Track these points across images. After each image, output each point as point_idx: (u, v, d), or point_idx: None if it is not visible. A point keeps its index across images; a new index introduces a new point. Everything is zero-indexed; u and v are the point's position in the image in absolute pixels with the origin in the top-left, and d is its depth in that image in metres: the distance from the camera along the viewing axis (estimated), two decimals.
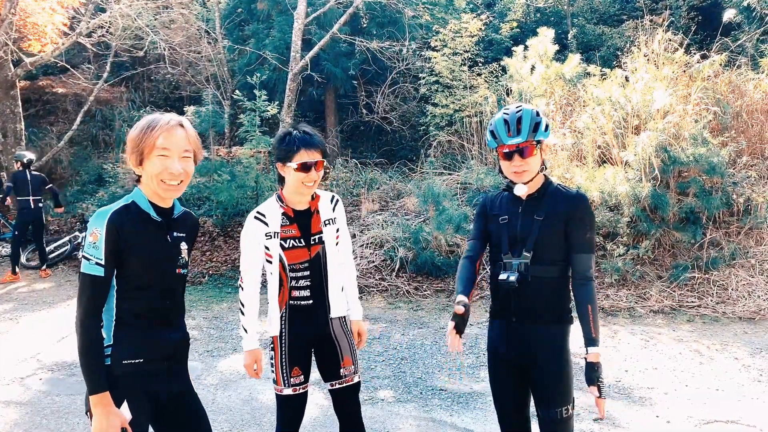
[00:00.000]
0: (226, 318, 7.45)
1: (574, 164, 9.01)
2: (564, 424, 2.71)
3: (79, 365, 2.22)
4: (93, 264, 2.23)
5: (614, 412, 4.64)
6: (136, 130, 2.32)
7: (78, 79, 14.04)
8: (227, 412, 4.78)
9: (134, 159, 2.33)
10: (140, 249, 2.31)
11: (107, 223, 2.24)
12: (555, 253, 2.68)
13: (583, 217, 2.69)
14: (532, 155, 2.67)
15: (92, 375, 2.20)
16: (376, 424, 4.51)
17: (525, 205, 2.76)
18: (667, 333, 6.57)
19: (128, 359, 2.31)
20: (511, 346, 2.76)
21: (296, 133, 2.97)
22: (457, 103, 12.25)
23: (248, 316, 3.06)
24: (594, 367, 2.63)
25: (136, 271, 2.31)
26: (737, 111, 9.28)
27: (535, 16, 15.92)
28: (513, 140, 2.66)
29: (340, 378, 3.08)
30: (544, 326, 2.71)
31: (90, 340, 2.22)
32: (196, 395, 2.58)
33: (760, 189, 8.40)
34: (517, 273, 2.65)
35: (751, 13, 12.92)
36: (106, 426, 2.19)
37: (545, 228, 2.67)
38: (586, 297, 2.62)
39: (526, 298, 2.68)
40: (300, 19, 11.73)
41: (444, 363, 5.81)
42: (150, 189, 2.37)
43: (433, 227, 8.81)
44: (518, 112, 2.68)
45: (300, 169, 2.92)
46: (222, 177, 10.05)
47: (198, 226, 2.75)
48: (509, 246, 2.73)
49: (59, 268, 10.46)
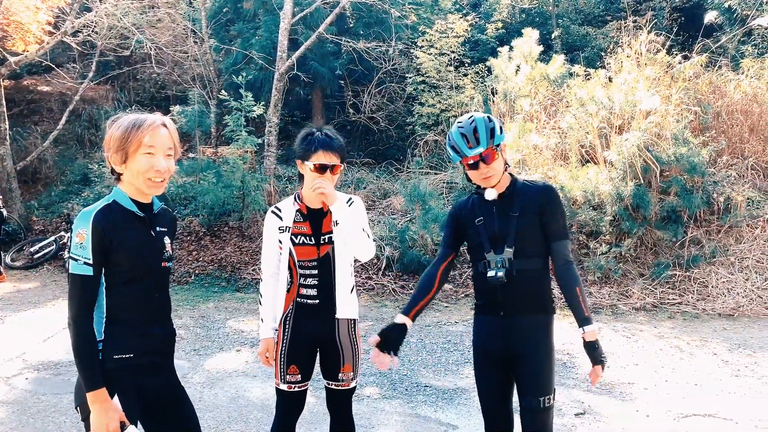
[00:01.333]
0: (213, 317, 7.48)
1: (557, 164, 9.12)
2: (545, 413, 2.78)
3: (74, 363, 2.26)
4: (81, 264, 2.28)
5: (595, 407, 4.73)
6: (120, 129, 2.36)
7: (63, 78, 13.97)
8: (214, 409, 4.82)
9: (118, 157, 2.37)
10: (127, 245, 2.36)
11: (92, 222, 2.30)
12: (535, 245, 2.81)
13: (554, 206, 2.83)
14: (495, 159, 2.78)
15: (88, 372, 2.25)
16: (362, 420, 4.56)
17: (498, 204, 2.86)
18: (648, 330, 6.69)
19: (119, 354, 2.36)
20: (498, 339, 2.84)
21: (318, 134, 3.01)
22: (443, 103, 12.34)
23: (265, 306, 3.15)
24: (594, 345, 2.72)
25: (124, 268, 2.37)
26: (717, 111, 9.45)
27: (520, 17, 16.05)
28: (474, 151, 2.76)
29: (337, 381, 3.14)
30: (530, 317, 2.81)
31: (83, 338, 2.27)
32: (183, 389, 2.63)
33: (739, 188, 8.56)
34: (504, 269, 2.76)
35: (733, 15, 13.13)
36: (105, 420, 2.24)
37: (522, 223, 2.79)
38: (571, 279, 2.74)
39: (512, 292, 2.78)
40: (286, 18, 11.76)
41: (429, 360, 5.88)
42: (133, 186, 2.42)
43: (419, 226, 8.89)
44: (472, 123, 2.79)
45: (316, 170, 2.96)
46: (208, 177, 10.06)
47: (176, 221, 2.84)
48: (491, 244, 2.82)
49: (44, 268, 10.42)
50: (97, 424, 2.25)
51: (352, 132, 14.37)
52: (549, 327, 2.84)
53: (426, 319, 7.18)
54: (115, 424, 2.26)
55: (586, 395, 4.99)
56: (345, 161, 3.10)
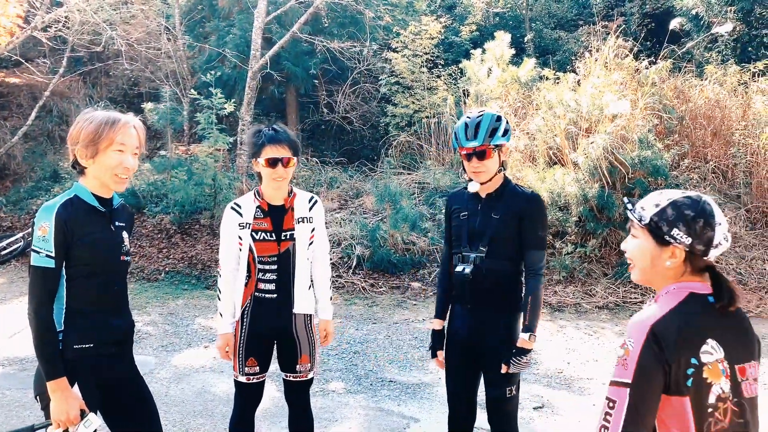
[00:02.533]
0: (182, 314, 7.49)
1: (526, 165, 9.28)
2: (509, 402, 2.97)
3: (35, 354, 2.33)
4: (43, 256, 2.35)
5: (554, 401, 4.87)
6: (93, 125, 2.44)
7: (33, 73, 13.79)
8: (180, 404, 4.86)
9: (88, 152, 2.44)
10: (87, 239, 2.44)
11: (55, 216, 2.37)
12: (509, 248, 2.93)
13: (535, 216, 2.94)
14: (490, 158, 2.87)
15: (49, 362, 2.33)
16: (326, 414, 4.64)
17: (484, 203, 2.99)
18: (610, 327, 6.87)
19: (79, 344, 2.44)
20: (465, 329, 3.01)
21: (265, 129, 3.09)
22: (416, 104, 12.46)
23: (224, 301, 3.19)
24: (521, 351, 2.86)
25: (84, 260, 2.44)
26: (682, 116, 9.68)
27: (494, 20, 16.22)
28: (470, 144, 2.87)
29: (295, 372, 3.22)
30: (496, 314, 2.96)
31: (45, 328, 2.35)
32: (142, 379, 2.71)
33: (701, 191, 8.79)
34: (473, 266, 2.90)
35: (699, 21, 13.44)
36: (66, 408, 2.32)
37: (500, 225, 2.91)
38: (530, 289, 2.91)
39: (480, 289, 2.92)
40: (260, 17, 11.77)
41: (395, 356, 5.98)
42: (98, 181, 2.50)
43: (390, 226, 8.98)
44: (479, 117, 2.89)
45: (268, 164, 3.03)
46: (179, 175, 10.03)
47: (134, 216, 2.97)
48: (468, 240, 2.97)
49: (12, 265, 10.30)
50: (57, 412, 2.32)
51: (326, 131, 14.41)
52: (514, 326, 2.97)
53: (395, 317, 7.28)
54: (75, 412, 2.34)
55: (545, 390, 5.12)
56: (299, 155, 3.17)
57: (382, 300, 8.01)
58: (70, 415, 2.33)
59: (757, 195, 8.94)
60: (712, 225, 1.71)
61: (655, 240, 1.77)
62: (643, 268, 1.83)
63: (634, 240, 1.84)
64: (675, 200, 1.75)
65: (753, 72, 10.44)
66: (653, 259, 1.78)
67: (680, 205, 1.73)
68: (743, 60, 11.83)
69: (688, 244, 1.71)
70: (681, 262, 1.75)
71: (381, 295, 8.18)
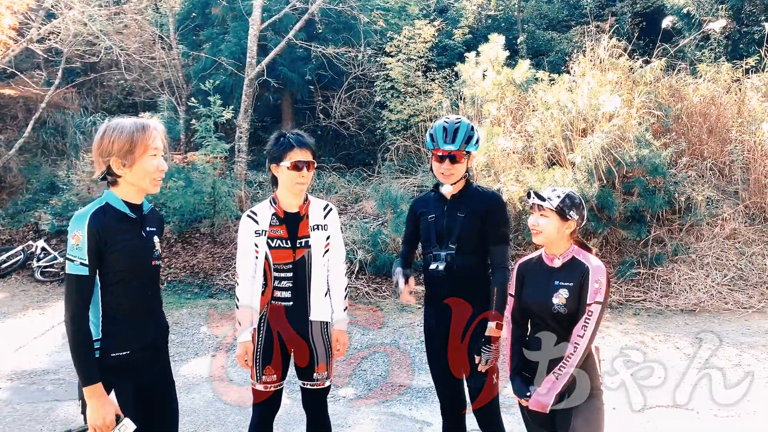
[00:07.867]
0: (187, 323, 7.49)
1: (525, 166, 9.32)
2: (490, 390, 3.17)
3: (72, 360, 2.38)
4: (78, 264, 2.39)
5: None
6: (125, 134, 2.46)
7: (28, 84, 13.75)
8: (191, 414, 4.86)
9: (126, 161, 2.47)
10: (120, 246, 2.48)
11: (87, 224, 2.41)
12: (475, 244, 3.14)
13: (497, 213, 3.17)
14: (461, 162, 3.12)
15: (85, 368, 2.38)
16: (338, 420, 4.66)
17: (449, 204, 3.19)
18: (614, 326, 6.91)
19: (116, 352, 2.49)
20: (442, 326, 3.19)
21: (289, 134, 3.17)
22: (412, 108, 12.49)
23: (242, 309, 3.20)
24: (487, 339, 3.03)
25: (118, 267, 2.48)
26: (677, 114, 9.75)
27: (486, 22, 16.29)
28: (447, 147, 3.09)
29: (312, 381, 3.23)
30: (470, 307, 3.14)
31: (81, 335, 2.40)
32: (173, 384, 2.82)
33: (699, 188, 8.88)
34: (445, 263, 3.10)
35: (691, 20, 13.55)
36: (102, 414, 2.37)
37: (466, 223, 3.13)
38: (495, 281, 3.08)
39: (452, 284, 3.12)
40: (255, 24, 11.78)
41: (402, 360, 6.00)
42: (135, 188, 2.54)
43: (391, 229, 9.01)
44: (457, 123, 3.13)
45: (293, 168, 3.06)
46: (177, 183, 10.03)
47: (164, 221, 3.02)
48: (437, 240, 3.17)
49: (12, 278, 10.27)
50: (93, 417, 2.38)
51: (323, 137, 14.43)
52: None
53: (399, 321, 7.30)
54: (110, 417, 2.39)
55: None
56: (317, 158, 3.24)
57: (386, 304, 8.04)
58: (106, 421, 2.38)
59: (755, 191, 9.01)
60: (584, 208, 2.79)
61: (560, 217, 2.71)
62: (549, 235, 2.74)
63: (544, 218, 2.72)
64: (568, 193, 2.74)
65: (745, 68, 10.53)
66: (558, 230, 2.72)
67: (572, 196, 2.74)
68: (735, 57, 11.94)
69: (577, 220, 2.73)
70: (572, 231, 2.76)
71: (384, 300, 8.20)
